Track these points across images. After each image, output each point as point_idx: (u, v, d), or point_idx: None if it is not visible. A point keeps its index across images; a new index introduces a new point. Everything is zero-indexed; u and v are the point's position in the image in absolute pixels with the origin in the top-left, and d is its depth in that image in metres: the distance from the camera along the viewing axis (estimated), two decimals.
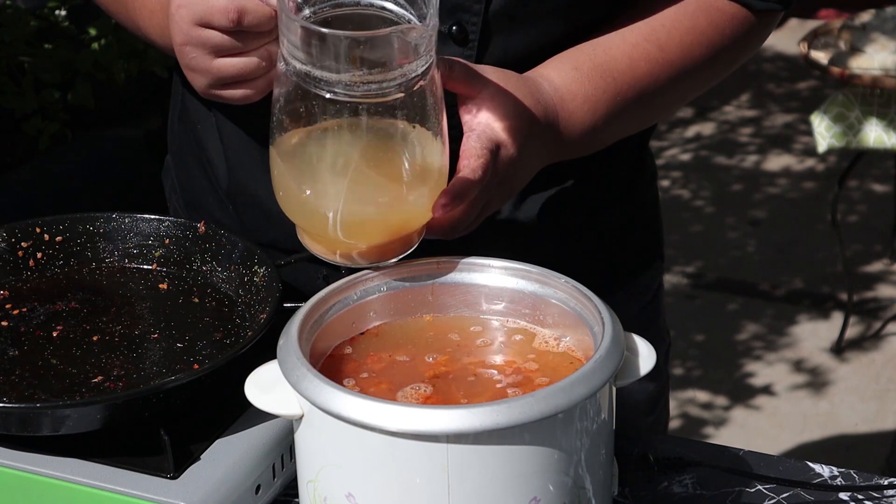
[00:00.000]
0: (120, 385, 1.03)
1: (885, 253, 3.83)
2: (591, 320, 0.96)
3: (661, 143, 4.73)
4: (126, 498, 0.95)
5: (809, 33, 3.25)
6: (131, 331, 1.11)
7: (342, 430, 0.86)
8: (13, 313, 1.13)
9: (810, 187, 4.27)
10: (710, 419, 3.10)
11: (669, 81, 1.17)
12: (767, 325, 3.50)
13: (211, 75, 1.06)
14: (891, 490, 1.04)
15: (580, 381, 0.87)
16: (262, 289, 1.13)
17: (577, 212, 1.25)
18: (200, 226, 1.20)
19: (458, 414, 0.83)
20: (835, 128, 3.09)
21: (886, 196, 4.13)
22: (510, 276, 1.03)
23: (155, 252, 1.20)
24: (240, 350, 1.02)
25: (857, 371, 3.28)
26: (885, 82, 2.95)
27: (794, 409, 3.14)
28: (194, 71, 1.07)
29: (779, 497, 1.04)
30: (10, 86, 2.79)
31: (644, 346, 0.95)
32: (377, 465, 0.86)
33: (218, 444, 1.00)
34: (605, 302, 0.96)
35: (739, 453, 1.10)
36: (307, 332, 0.96)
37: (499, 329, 1.02)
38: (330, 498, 0.89)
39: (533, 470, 0.86)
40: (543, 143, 1.10)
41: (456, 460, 0.84)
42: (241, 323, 1.12)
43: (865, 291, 3.63)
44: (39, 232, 1.20)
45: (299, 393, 0.89)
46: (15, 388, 1.02)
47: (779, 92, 5.06)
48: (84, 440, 0.98)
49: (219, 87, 1.07)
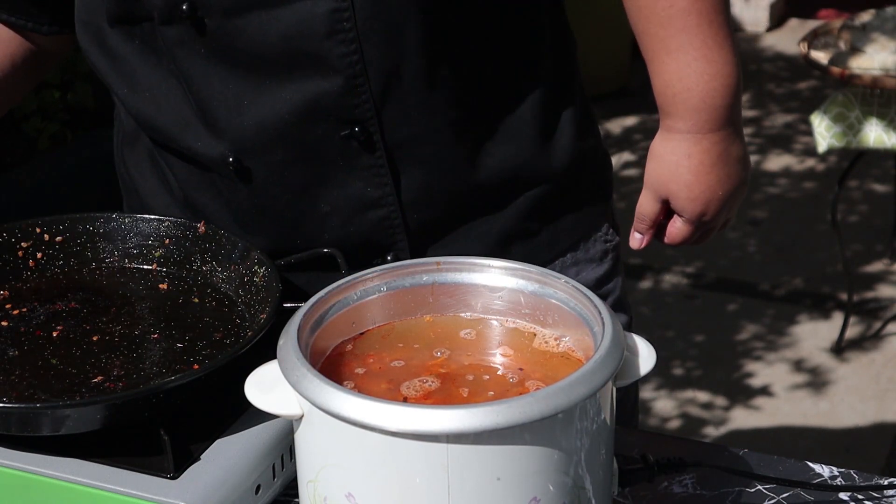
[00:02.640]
0: (120, 385, 1.03)
1: (885, 253, 3.83)
2: (591, 320, 0.96)
3: None
4: (126, 498, 0.95)
5: (809, 33, 3.25)
6: (131, 331, 1.11)
7: (342, 430, 0.86)
8: (13, 313, 1.13)
9: (810, 187, 4.28)
10: (710, 419, 3.10)
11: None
12: (767, 325, 3.50)
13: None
14: (891, 490, 1.04)
15: (580, 381, 0.87)
16: (262, 289, 1.13)
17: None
18: (200, 226, 1.20)
19: (458, 414, 0.83)
20: (835, 128, 3.09)
21: (886, 196, 4.13)
22: (510, 276, 1.03)
23: (155, 252, 1.21)
24: (240, 350, 1.02)
25: (857, 371, 3.28)
26: (885, 82, 2.95)
27: (794, 409, 3.14)
28: None
29: (779, 497, 1.04)
30: None
31: (644, 346, 0.95)
32: (377, 465, 0.86)
33: (218, 444, 1.00)
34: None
35: (739, 453, 1.10)
36: (307, 332, 0.96)
37: (499, 329, 1.02)
38: (330, 498, 0.89)
39: (533, 470, 0.86)
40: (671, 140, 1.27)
41: (456, 460, 0.84)
42: (241, 323, 1.12)
43: (865, 291, 3.63)
44: (39, 232, 1.20)
45: (299, 393, 0.89)
46: (15, 388, 1.02)
47: (779, 92, 5.06)
48: (84, 440, 0.98)
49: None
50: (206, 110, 1.22)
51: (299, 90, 1.19)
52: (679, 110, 1.27)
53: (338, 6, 1.16)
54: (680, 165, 1.29)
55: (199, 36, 1.19)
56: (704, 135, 1.28)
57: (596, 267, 1.36)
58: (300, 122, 1.20)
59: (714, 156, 1.28)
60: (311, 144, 1.22)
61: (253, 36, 1.17)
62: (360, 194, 1.24)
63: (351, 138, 1.21)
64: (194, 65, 1.21)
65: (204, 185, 1.27)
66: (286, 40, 1.17)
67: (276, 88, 1.19)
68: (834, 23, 3.28)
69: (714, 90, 1.26)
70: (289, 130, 1.21)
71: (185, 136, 1.24)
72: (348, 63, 1.18)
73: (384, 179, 1.23)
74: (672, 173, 1.29)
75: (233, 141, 1.22)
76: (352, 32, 1.17)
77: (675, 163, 1.29)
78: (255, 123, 1.21)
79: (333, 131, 1.21)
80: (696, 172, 1.29)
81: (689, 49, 1.25)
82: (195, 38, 1.19)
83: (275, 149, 1.22)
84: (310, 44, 1.17)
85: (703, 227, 1.33)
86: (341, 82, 1.19)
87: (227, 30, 1.18)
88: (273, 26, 1.17)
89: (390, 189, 1.24)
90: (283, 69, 1.19)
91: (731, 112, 1.28)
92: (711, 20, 1.25)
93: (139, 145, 1.33)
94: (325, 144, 1.22)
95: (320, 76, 1.19)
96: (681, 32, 1.25)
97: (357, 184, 1.24)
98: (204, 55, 1.20)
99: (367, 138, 1.21)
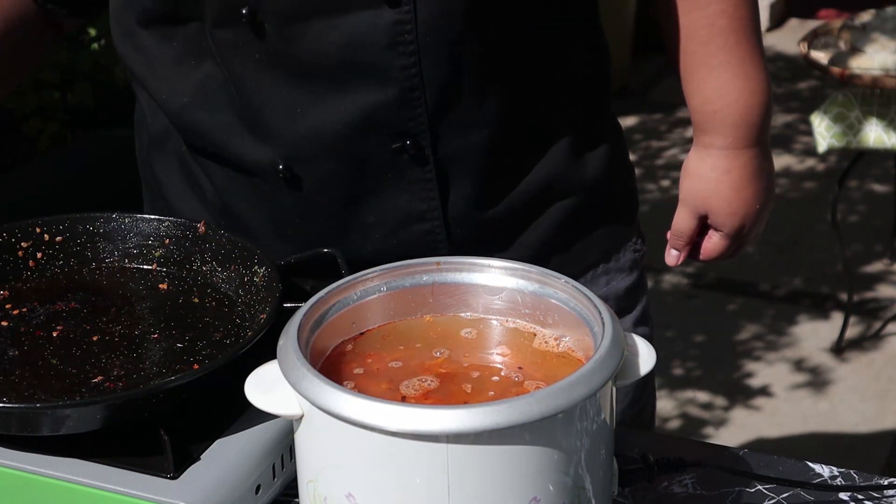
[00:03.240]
0: (120, 385, 1.03)
1: (885, 253, 3.83)
2: (591, 320, 0.96)
3: (661, 143, 4.74)
4: (126, 498, 0.95)
5: (809, 33, 3.25)
6: (131, 331, 1.11)
7: (342, 430, 0.86)
8: (13, 313, 1.13)
9: (810, 187, 4.28)
10: (710, 419, 3.10)
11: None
12: (767, 325, 3.50)
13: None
14: (891, 490, 1.03)
15: (580, 381, 0.87)
16: (262, 289, 1.13)
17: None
18: (200, 226, 1.20)
19: (458, 414, 0.83)
20: (835, 128, 3.09)
21: (886, 196, 4.13)
22: (510, 276, 1.03)
23: (155, 252, 1.20)
24: (240, 350, 1.02)
25: (857, 371, 3.28)
26: (885, 82, 2.95)
27: (794, 409, 3.13)
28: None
29: (779, 497, 1.04)
30: None
31: (644, 346, 0.95)
32: (377, 465, 0.86)
33: (218, 444, 0.99)
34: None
35: (739, 453, 1.10)
36: (307, 332, 0.96)
37: (498, 329, 1.02)
38: (330, 498, 0.89)
39: (533, 470, 0.86)
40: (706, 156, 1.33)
41: (456, 460, 0.84)
42: (241, 323, 1.12)
43: (865, 291, 3.63)
44: (39, 232, 1.20)
45: (299, 393, 0.89)
46: (15, 388, 1.02)
47: (779, 92, 5.06)
48: (84, 440, 0.98)
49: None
50: (256, 116, 1.20)
51: (354, 100, 1.18)
52: (718, 127, 1.32)
53: (400, 18, 1.15)
54: (720, 182, 1.33)
55: (257, 40, 1.17)
56: (741, 150, 1.33)
57: (626, 276, 1.37)
58: (353, 133, 1.19)
59: (751, 171, 1.33)
60: (362, 155, 1.21)
61: (311, 43, 1.16)
62: (406, 207, 1.23)
63: (402, 151, 1.20)
64: (247, 70, 1.19)
65: (244, 191, 1.26)
66: (345, 49, 1.16)
67: (330, 97, 1.18)
68: (834, 23, 3.28)
69: (752, 107, 1.31)
70: (341, 140, 1.19)
71: (231, 142, 1.23)
72: (406, 76, 1.17)
73: (431, 193, 1.23)
74: (711, 189, 1.34)
75: (283, 148, 1.21)
76: (412, 45, 1.16)
77: (715, 179, 1.33)
78: (308, 132, 1.19)
79: (385, 143, 1.20)
80: (736, 188, 1.33)
81: (728, 66, 1.30)
82: (251, 43, 1.17)
83: (325, 158, 1.21)
84: (369, 54, 1.16)
85: (738, 241, 1.36)
86: (397, 94, 1.18)
87: (286, 35, 1.16)
88: (333, 35, 1.15)
89: (436, 203, 1.23)
90: (340, 78, 1.17)
91: (765, 128, 1.33)
92: (749, 38, 1.30)
93: (168, 149, 1.32)
94: (375, 156, 1.21)
95: (376, 87, 1.17)
96: (721, 50, 1.29)
97: (404, 196, 1.23)
98: (258, 60, 1.18)
99: (419, 152, 1.20)
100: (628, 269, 1.37)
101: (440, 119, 1.20)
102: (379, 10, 1.14)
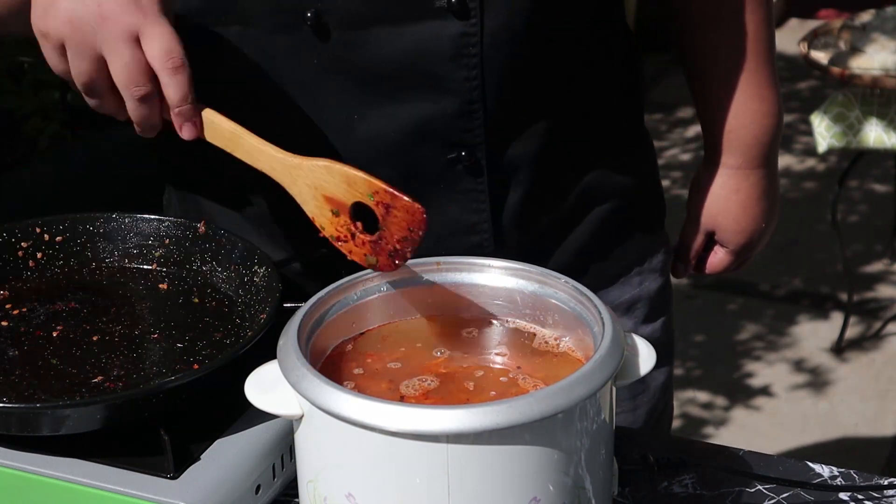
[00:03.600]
0: (120, 385, 1.03)
1: (885, 253, 3.83)
2: (591, 320, 0.96)
3: (661, 143, 4.74)
4: (126, 498, 0.95)
5: (809, 33, 3.25)
6: (131, 331, 1.11)
7: (342, 430, 0.86)
8: (13, 313, 1.13)
9: (810, 187, 4.28)
10: (710, 419, 3.10)
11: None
12: (767, 325, 3.50)
13: (96, 79, 1.05)
14: (891, 490, 1.03)
15: (580, 381, 0.87)
16: (262, 289, 1.12)
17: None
18: (200, 226, 1.20)
19: (458, 414, 0.83)
20: (835, 128, 3.09)
21: (886, 196, 4.13)
22: (510, 276, 1.03)
23: (155, 252, 1.20)
24: (240, 350, 1.02)
25: (857, 371, 3.28)
26: (885, 82, 2.95)
27: (794, 409, 3.14)
28: (79, 59, 1.03)
29: (779, 497, 1.04)
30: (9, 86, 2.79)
31: (644, 346, 0.95)
32: (377, 465, 0.86)
33: (218, 444, 0.99)
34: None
35: (739, 453, 1.10)
36: (307, 332, 0.96)
37: (498, 329, 1.02)
38: (330, 498, 0.89)
39: (533, 470, 0.86)
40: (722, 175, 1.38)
41: (456, 460, 0.84)
42: (241, 323, 1.12)
43: (865, 291, 3.63)
44: (39, 232, 1.20)
45: (299, 393, 0.89)
46: (15, 388, 1.02)
47: None
48: (84, 440, 0.98)
49: (88, 89, 1.06)
50: (309, 122, 1.18)
51: (412, 109, 1.17)
52: (732, 146, 1.36)
53: (467, 30, 1.14)
54: (729, 200, 1.38)
55: (320, 44, 1.14)
56: (752, 170, 1.38)
57: (657, 277, 1.38)
58: (409, 141, 1.18)
59: (759, 191, 1.38)
60: (416, 164, 1.19)
61: (374, 50, 1.14)
62: (455, 219, 1.22)
63: (457, 162, 1.19)
64: (306, 75, 1.16)
65: (287, 197, 1.24)
66: (408, 57, 1.14)
67: (388, 106, 1.16)
68: (834, 23, 3.28)
69: (765, 129, 1.36)
70: (396, 148, 1.18)
71: (280, 146, 1.20)
72: (467, 88, 1.16)
73: (483, 206, 1.22)
74: (721, 207, 1.38)
75: (337, 155, 1.18)
76: (476, 58, 1.15)
77: (725, 197, 1.38)
78: (364, 139, 1.18)
79: (440, 153, 1.19)
80: (745, 206, 1.38)
81: (746, 89, 1.34)
82: (313, 48, 1.14)
83: (379, 166, 1.17)
84: (432, 64, 1.15)
85: (742, 257, 1.41)
86: (457, 106, 1.16)
87: (349, 41, 1.14)
88: (397, 42, 1.14)
89: (486, 216, 1.22)
90: (400, 86, 1.16)
91: (776, 150, 1.38)
92: (766, 61, 1.34)
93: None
94: (429, 165, 1.20)
95: (436, 97, 1.16)
96: (739, 73, 1.33)
97: (454, 208, 1.22)
98: (317, 66, 1.15)
99: (474, 163, 1.20)
100: (659, 271, 1.38)
101: (495, 131, 1.19)
102: (445, 21, 1.13)
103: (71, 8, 1.02)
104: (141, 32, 1.02)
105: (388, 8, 1.13)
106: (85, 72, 1.03)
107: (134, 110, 1.05)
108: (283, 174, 1.05)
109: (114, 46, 1.01)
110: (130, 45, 1.01)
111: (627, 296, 1.35)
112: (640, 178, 1.35)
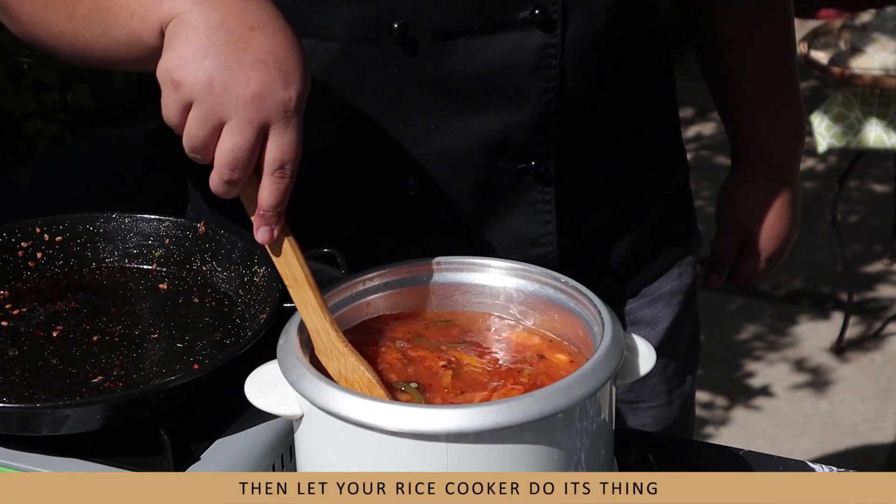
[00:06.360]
0: (120, 385, 1.03)
1: (885, 253, 3.83)
2: (591, 320, 0.96)
3: None
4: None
5: (809, 33, 3.25)
6: (131, 331, 1.11)
7: (342, 430, 0.86)
8: (13, 313, 1.13)
9: (810, 187, 4.28)
10: (710, 419, 3.10)
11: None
12: (767, 325, 3.50)
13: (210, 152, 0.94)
14: None
15: (580, 381, 0.87)
16: (262, 289, 1.12)
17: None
18: (200, 226, 1.20)
19: (457, 414, 0.83)
20: (835, 128, 3.09)
21: (886, 196, 4.13)
22: (510, 276, 1.03)
23: (155, 252, 1.20)
24: (240, 350, 1.01)
25: (857, 371, 3.28)
26: (886, 82, 2.95)
27: (794, 409, 3.14)
28: (200, 124, 0.93)
29: None
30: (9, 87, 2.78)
31: (644, 346, 0.96)
32: (377, 465, 0.86)
33: (218, 444, 0.99)
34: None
35: (739, 453, 1.10)
36: (307, 332, 0.96)
37: (498, 328, 1.02)
38: None
39: (533, 469, 0.86)
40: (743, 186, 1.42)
41: (456, 460, 0.84)
42: (241, 323, 1.12)
43: (865, 291, 3.63)
44: (39, 232, 1.20)
45: (299, 393, 0.89)
46: (15, 388, 1.02)
47: None
48: (84, 440, 0.98)
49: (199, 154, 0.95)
50: (384, 133, 1.17)
51: (491, 121, 1.16)
52: (762, 155, 1.40)
53: (549, 42, 1.14)
54: (762, 208, 1.42)
55: (406, 56, 1.13)
56: (780, 178, 1.41)
57: (692, 272, 1.41)
58: (485, 152, 1.18)
59: (788, 197, 1.42)
60: (489, 175, 1.19)
61: (458, 61, 1.14)
62: (521, 230, 1.22)
63: (527, 172, 1.19)
64: (386, 86, 1.14)
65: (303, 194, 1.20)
66: (491, 69, 1.14)
67: (466, 117, 1.16)
68: (834, 23, 3.28)
69: (794, 138, 1.40)
70: (470, 160, 1.18)
71: (352, 157, 1.19)
72: (546, 99, 1.16)
73: (549, 217, 1.22)
74: (757, 215, 1.42)
75: (415, 165, 1.17)
76: (555, 69, 1.15)
77: (760, 205, 1.42)
78: (438, 151, 1.17)
79: (512, 164, 1.19)
80: (777, 213, 1.42)
81: (774, 99, 1.38)
82: (398, 59, 1.14)
83: (454, 177, 1.18)
84: (514, 76, 1.15)
85: (772, 264, 1.46)
86: (534, 117, 1.17)
87: (432, 53, 1.13)
88: (480, 54, 1.14)
89: (552, 227, 1.22)
90: (481, 98, 1.15)
91: (799, 158, 1.42)
92: (793, 71, 1.38)
93: None
94: (501, 176, 1.19)
95: (515, 109, 1.16)
96: (769, 83, 1.37)
97: (520, 218, 1.21)
98: (398, 77, 1.14)
99: (544, 172, 1.19)
100: (693, 265, 1.41)
101: (566, 141, 1.20)
102: (528, 33, 1.13)
103: (215, 69, 0.91)
104: (272, 127, 0.92)
105: (473, 20, 1.13)
106: (200, 139, 0.93)
107: (215, 182, 0.95)
108: (324, 343, 0.97)
109: (240, 126, 0.92)
110: (256, 134, 0.92)
111: (668, 287, 1.36)
112: (684, 182, 1.38)
